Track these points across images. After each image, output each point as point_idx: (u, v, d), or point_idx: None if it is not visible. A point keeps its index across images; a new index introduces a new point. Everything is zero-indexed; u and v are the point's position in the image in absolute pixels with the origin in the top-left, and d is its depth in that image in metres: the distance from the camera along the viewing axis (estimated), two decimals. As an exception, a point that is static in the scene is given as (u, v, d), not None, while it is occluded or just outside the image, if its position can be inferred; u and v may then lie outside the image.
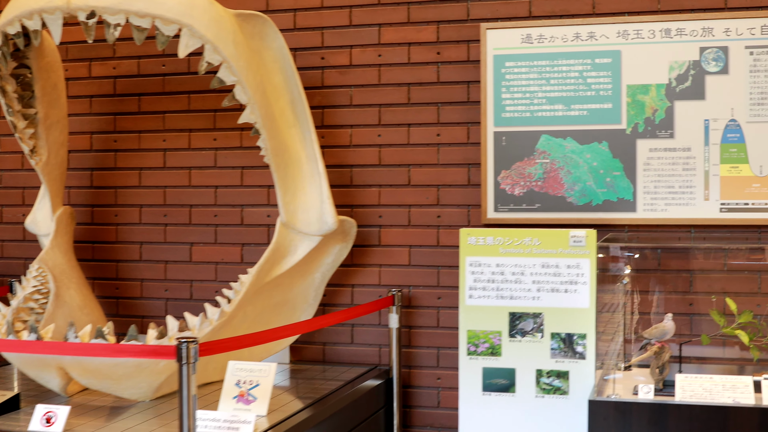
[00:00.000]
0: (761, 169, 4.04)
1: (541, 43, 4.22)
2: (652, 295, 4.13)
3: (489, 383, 4.01)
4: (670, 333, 3.74)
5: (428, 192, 4.37)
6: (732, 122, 4.07)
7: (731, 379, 3.59)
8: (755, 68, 4.04)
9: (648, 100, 4.13)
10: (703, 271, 4.11)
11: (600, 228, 4.16)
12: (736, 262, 4.09)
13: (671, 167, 4.11)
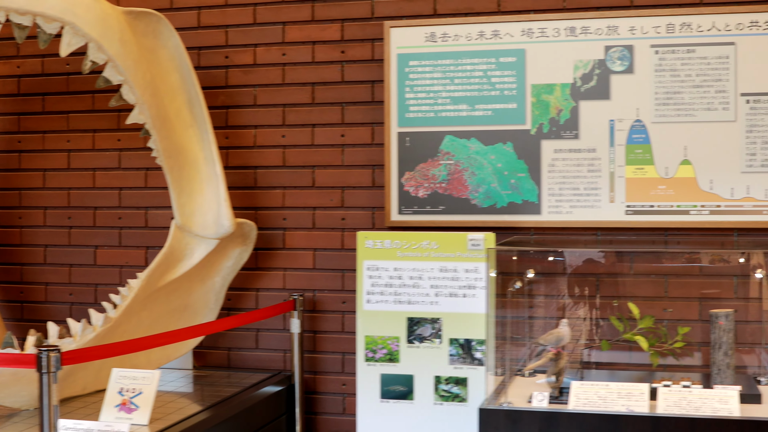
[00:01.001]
0: (667, 170, 3.89)
1: (445, 41, 4.06)
2: (553, 300, 3.98)
3: (387, 390, 3.84)
4: (565, 339, 3.58)
5: (333, 194, 4.20)
6: (637, 123, 3.91)
7: (627, 387, 3.43)
8: (660, 67, 3.89)
9: (553, 100, 3.97)
10: (609, 274, 3.96)
11: (505, 231, 4.01)
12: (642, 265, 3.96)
13: (576, 168, 3.96)
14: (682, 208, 3.87)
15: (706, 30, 3.84)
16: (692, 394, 3.38)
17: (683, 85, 3.86)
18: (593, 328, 3.90)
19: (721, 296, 3.86)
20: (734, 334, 3.58)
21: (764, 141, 3.81)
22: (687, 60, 3.86)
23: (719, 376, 3.59)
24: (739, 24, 3.81)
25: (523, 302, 3.96)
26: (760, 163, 3.81)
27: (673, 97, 3.87)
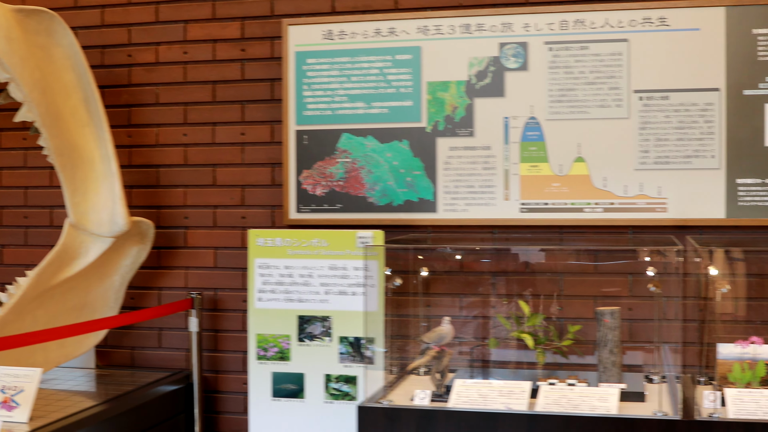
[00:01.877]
0: (561, 168, 3.82)
1: (342, 39, 3.99)
2: (446, 298, 3.92)
3: (279, 388, 3.77)
4: (448, 337, 3.50)
5: (233, 192, 4.12)
6: (532, 120, 3.85)
7: (509, 385, 3.36)
8: (554, 64, 3.83)
9: (448, 98, 3.90)
10: (503, 272, 3.90)
11: (402, 229, 3.94)
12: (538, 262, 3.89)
13: (471, 166, 3.89)
14: (576, 205, 3.80)
15: (600, 27, 3.77)
16: (573, 392, 3.31)
17: (577, 82, 3.79)
18: (486, 326, 3.83)
19: (619, 294, 3.80)
20: (620, 332, 3.51)
21: (657, 138, 3.74)
22: (581, 57, 3.79)
23: (605, 374, 3.52)
24: (632, 21, 3.75)
25: (414, 300, 3.89)
26: (653, 160, 3.74)
27: (567, 94, 3.80)
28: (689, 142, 3.71)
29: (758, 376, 3.43)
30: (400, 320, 3.78)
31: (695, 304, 3.73)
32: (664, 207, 3.73)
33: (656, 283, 3.26)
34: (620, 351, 3.50)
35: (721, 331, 3.73)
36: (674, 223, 3.73)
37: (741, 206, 3.68)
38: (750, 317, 3.72)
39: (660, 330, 3.70)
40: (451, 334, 3.50)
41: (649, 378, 3.65)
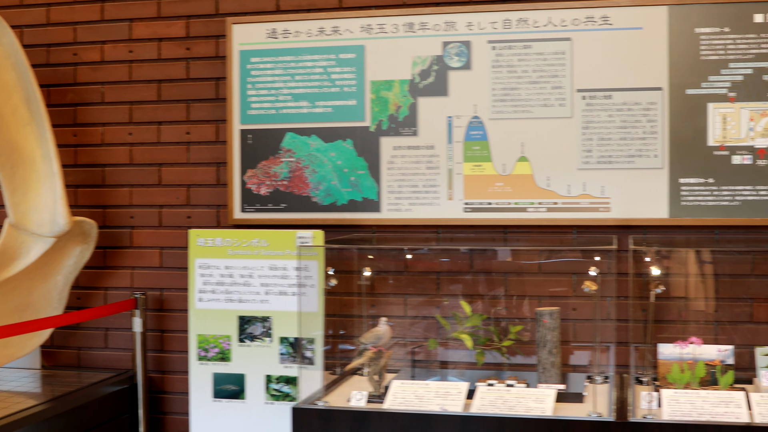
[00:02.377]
0: (504, 167, 3.78)
1: (286, 38, 3.94)
2: (387, 297, 3.87)
3: (220, 389, 3.72)
4: (385, 338, 3.46)
5: (178, 192, 4.07)
6: (475, 119, 3.80)
7: (446, 386, 3.32)
8: (498, 63, 3.78)
9: (391, 97, 3.86)
10: (449, 273, 3.85)
11: (346, 229, 3.90)
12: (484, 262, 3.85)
13: (415, 166, 3.85)
14: (519, 205, 3.76)
15: (543, 26, 3.73)
16: (510, 393, 3.27)
17: (520, 81, 3.75)
18: (430, 326, 3.79)
19: (564, 294, 3.76)
20: (559, 333, 3.47)
21: (600, 138, 3.70)
22: (524, 56, 3.75)
23: (544, 374, 3.47)
24: (575, 19, 3.70)
25: (358, 300, 3.85)
26: (596, 159, 3.70)
27: (510, 93, 3.76)
28: (632, 141, 3.67)
29: (698, 377, 3.39)
30: (343, 320, 3.74)
31: (641, 305, 3.69)
32: (608, 207, 3.69)
33: (590, 283, 3.22)
34: (559, 352, 3.46)
35: (667, 331, 3.69)
36: (618, 222, 3.68)
37: (684, 206, 3.64)
38: (694, 317, 3.68)
39: (604, 330, 3.67)
40: (388, 335, 3.45)
41: (592, 378, 3.61)
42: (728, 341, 3.63)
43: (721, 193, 3.61)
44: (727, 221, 3.61)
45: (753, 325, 3.64)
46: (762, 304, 3.63)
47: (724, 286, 3.66)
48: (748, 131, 3.59)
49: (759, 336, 3.62)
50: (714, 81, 3.61)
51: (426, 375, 3.67)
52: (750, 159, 3.59)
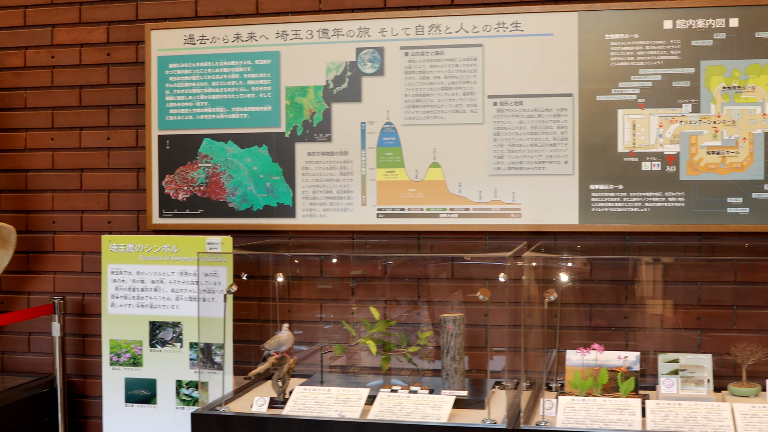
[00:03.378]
0: (417, 173, 3.75)
1: (203, 44, 3.92)
2: (302, 303, 3.85)
3: (131, 394, 3.70)
4: (287, 343, 3.43)
5: (99, 197, 4.05)
6: (388, 125, 3.78)
7: (347, 392, 3.30)
8: (410, 69, 3.75)
9: (306, 103, 3.83)
10: (363, 278, 3.83)
11: (262, 234, 3.88)
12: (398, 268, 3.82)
13: (329, 172, 3.82)
14: (432, 211, 3.73)
15: (455, 32, 3.70)
16: (409, 399, 3.25)
17: (432, 87, 3.72)
18: (341, 331, 3.76)
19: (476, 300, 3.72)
20: (463, 339, 3.44)
21: (511, 144, 3.67)
22: (436, 62, 3.72)
23: (448, 381, 3.44)
24: (486, 26, 3.67)
25: (271, 305, 3.83)
26: (507, 165, 3.67)
27: (423, 99, 3.73)
28: (543, 147, 3.64)
29: (600, 384, 3.35)
30: (256, 326, 3.72)
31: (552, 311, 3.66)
32: (519, 213, 3.66)
33: (484, 290, 3.19)
34: (463, 358, 3.43)
35: (580, 338, 3.66)
36: (529, 228, 3.65)
37: (594, 212, 3.60)
38: (601, 323, 3.65)
39: (517, 336, 3.64)
40: (290, 341, 3.43)
41: (503, 385, 3.58)
42: (638, 348, 3.60)
43: (631, 200, 3.58)
44: (637, 227, 3.57)
45: (662, 332, 3.61)
46: (672, 311, 3.60)
47: (634, 293, 3.63)
48: (658, 137, 3.56)
49: (668, 342, 3.59)
50: (624, 87, 3.58)
51: (337, 381, 3.64)
52: (659, 165, 3.56)
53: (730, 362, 3.45)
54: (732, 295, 3.55)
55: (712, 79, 3.51)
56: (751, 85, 3.49)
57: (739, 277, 3.57)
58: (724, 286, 3.57)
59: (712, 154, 3.52)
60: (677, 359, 3.39)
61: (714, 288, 3.57)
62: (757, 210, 3.49)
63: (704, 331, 3.59)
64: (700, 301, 3.59)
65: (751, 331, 3.54)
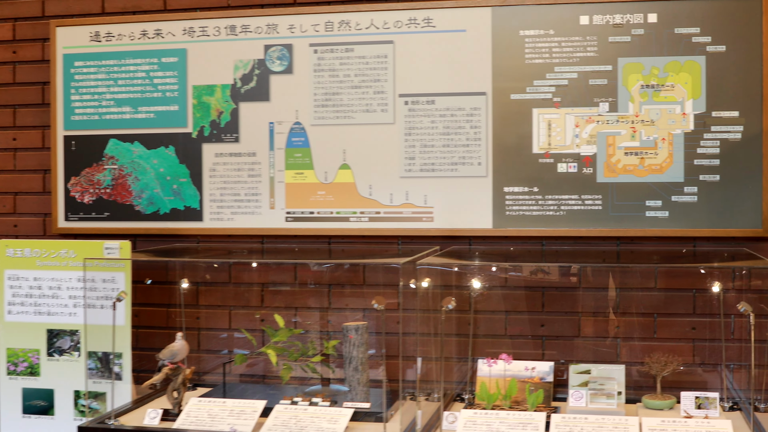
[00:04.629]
0: (326, 175, 3.56)
1: (109, 41, 3.72)
2: (212, 310, 3.66)
3: (29, 405, 3.50)
4: (181, 353, 3.24)
5: (5, 200, 3.84)
6: (297, 125, 3.58)
7: (242, 404, 3.11)
8: (319, 67, 3.56)
9: (213, 102, 3.64)
10: (271, 284, 3.64)
11: (170, 238, 3.69)
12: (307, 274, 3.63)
13: (237, 173, 3.62)
14: (342, 214, 3.54)
15: (365, 28, 3.50)
16: (306, 412, 3.06)
17: (342, 85, 3.53)
18: (251, 340, 3.58)
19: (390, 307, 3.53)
20: (366, 348, 3.25)
21: (423, 144, 3.48)
22: (345, 59, 3.53)
23: (350, 392, 3.26)
24: (397, 22, 3.48)
25: (178, 313, 3.65)
26: (419, 167, 3.48)
27: (332, 99, 3.54)
28: (455, 148, 3.44)
29: (509, 396, 3.16)
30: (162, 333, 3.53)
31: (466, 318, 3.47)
32: (431, 216, 3.46)
33: (379, 299, 3.00)
34: (366, 368, 3.24)
35: (492, 346, 3.48)
36: (442, 233, 3.46)
37: (509, 216, 3.41)
38: (520, 331, 3.47)
39: (434, 344, 3.45)
40: (184, 351, 3.24)
41: (412, 395, 3.39)
42: (556, 357, 3.42)
43: (547, 203, 3.39)
44: (553, 232, 3.38)
45: (581, 341, 3.42)
46: (591, 319, 3.41)
47: (551, 300, 3.45)
48: (574, 138, 3.37)
49: (587, 351, 3.40)
50: (539, 86, 3.38)
51: (248, 391, 3.45)
52: (575, 167, 3.37)
53: (647, 373, 3.26)
54: (652, 303, 3.36)
55: (630, 76, 3.32)
56: (670, 83, 3.30)
57: (659, 284, 3.38)
58: (644, 293, 3.38)
59: (630, 155, 3.33)
60: (589, 370, 3.20)
61: (633, 295, 3.38)
62: (676, 214, 3.30)
63: (624, 340, 3.40)
64: (619, 308, 3.40)
65: (672, 339, 3.35)
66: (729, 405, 3.19)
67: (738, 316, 3.28)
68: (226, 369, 3.57)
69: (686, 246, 3.34)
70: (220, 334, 3.59)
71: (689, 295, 3.35)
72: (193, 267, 3.61)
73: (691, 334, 3.34)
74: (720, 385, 3.26)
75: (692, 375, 3.33)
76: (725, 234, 3.27)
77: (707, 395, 3.04)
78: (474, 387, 3.25)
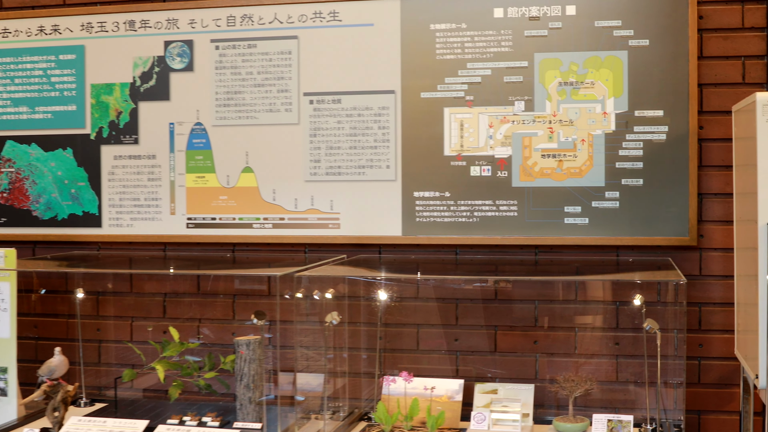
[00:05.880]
0: (228, 179, 3.30)
1: (5, 37, 3.48)
2: (108, 321, 3.42)
3: None
4: (59, 369, 3.00)
5: None
6: (198, 126, 3.33)
7: (122, 424, 2.87)
8: (221, 64, 3.31)
9: (112, 101, 3.39)
10: (176, 294, 3.39)
11: (68, 245, 3.46)
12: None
13: (137, 177, 3.38)
14: (244, 221, 3.28)
15: (268, 23, 3.24)
16: (186, 433, 2.81)
17: (245, 83, 3.27)
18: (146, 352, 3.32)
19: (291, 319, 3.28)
20: (259, 365, 2.99)
21: (329, 146, 3.21)
22: (248, 56, 3.26)
23: (241, 411, 3.00)
24: (302, 15, 3.21)
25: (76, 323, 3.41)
26: (324, 171, 3.22)
27: (234, 98, 3.28)
28: (363, 150, 3.18)
29: (410, 416, 2.90)
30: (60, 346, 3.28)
31: (375, 332, 3.21)
32: (337, 223, 3.20)
33: (259, 313, 2.74)
34: (259, 386, 2.98)
35: (403, 362, 3.21)
36: (350, 240, 3.19)
37: (419, 222, 3.14)
38: (431, 346, 3.20)
39: (338, 360, 3.19)
40: (63, 367, 3.00)
41: (318, 414, 3.13)
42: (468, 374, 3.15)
43: (459, 209, 3.11)
44: (467, 240, 3.11)
45: (500, 357, 3.15)
46: (507, 333, 3.13)
47: (466, 312, 3.17)
48: (488, 139, 3.09)
49: (505, 367, 3.13)
50: (451, 83, 3.11)
51: (136, 409, 3.20)
52: (489, 170, 3.10)
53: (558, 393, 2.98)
54: (572, 316, 3.09)
55: (547, 73, 3.04)
56: (590, 80, 3.02)
57: (579, 296, 3.10)
58: (564, 306, 3.10)
59: (547, 158, 3.05)
60: (495, 390, 2.93)
61: (552, 307, 3.10)
62: (597, 220, 3.02)
63: (542, 356, 3.12)
64: (537, 322, 3.12)
65: (593, 355, 3.07)
66: (652, 428, 2.91)
67: (664, 330, 3.00)
68: (132, 384, 3.32)
69: (608, 255, 3.06)
70: (120, 346, 3.34)
71: (612, 308, 3.07)
72: (92, 276, 3.36)
73: (614, 349, 3.06)
74: (646, 405, 2.98)
75: (615, 393, 3.04)
76: (649, 242, 2.98)
77: (621, 418, 2.76)
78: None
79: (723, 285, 2.99)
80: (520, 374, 3.10)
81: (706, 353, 3.02)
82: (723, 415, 3.01)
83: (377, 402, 2.97)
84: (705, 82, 2.97)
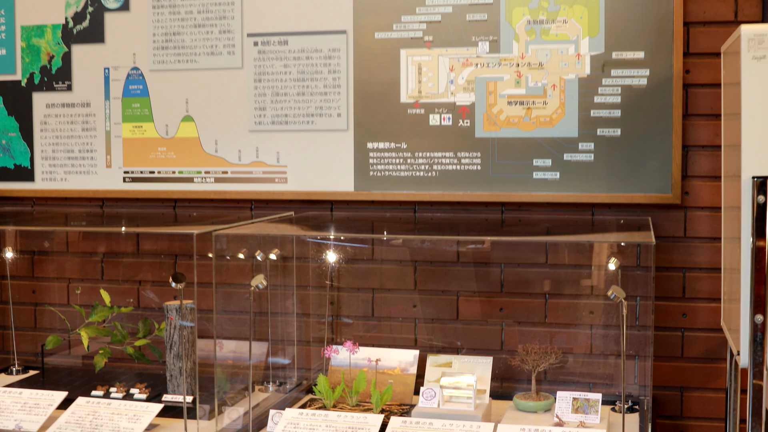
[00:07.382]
0: (167, 129, 2.95)
1: (-70, -25, 3.17)
2: (41, 283, 3.11)
3: None
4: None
5: None
6: (134, 71, 2.98)
7: (37, 396, 2.56)
8: (159, 3, 2.94)
9: (44, 45, 3.04)
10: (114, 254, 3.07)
11: (1, 201, 3.15)
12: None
13: (70, 127, 3.04)
14: (185, 174, 2.93)
15: (210, -45, 2.89)
16: (108, 408, 2.50)
17: (184, 24, 2.91)
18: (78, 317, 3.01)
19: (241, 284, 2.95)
20: (193, 332, 2.67)
21: (275, 93, 2.85)
22: (188, -7, 2.91)
23: (171, 383, 2.68)
24: (246, -53, 2.85)
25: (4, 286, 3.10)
26: (270, 119, 2.86)
27: (173, 39, 2.92)
28: (312, 97, 2.82)
29: (356, 392, 2.56)
30: None
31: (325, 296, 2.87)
32: (284, 177, 2.85)
33: (178, 275, 2.41)
34: (191, 355, 2.66)
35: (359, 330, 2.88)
36: (298, 196, 2.85)
37: (373, 177, 2.79)
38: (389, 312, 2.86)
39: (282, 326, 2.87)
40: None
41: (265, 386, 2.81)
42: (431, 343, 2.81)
43: (417, 162, 2.75)
44: (425, 196, 2.75)
45: (462, 325, 2.80)
46: (470, 299, 2.79)
47: (425, 276, 2.83)
48: (449, 84, 2.72)
49: (468, 337, 2.79)
50: (408, 22, 2.74)
51: (64, 377, 2.91)
52: (450, 119, 2.73)
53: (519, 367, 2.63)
54: (542, 281, 2.73)
55: (514, 10, 2.66)
56: (562, 17, 2.63)
57: (550, 260, 2.74)
58: (533, 270, 2.75)
59: (514, 105, 2.68)
60: (450, 363, 2.58)
61: (521, 271, 2.75)
62: (569, 175, 2.65)
63: (509, 324, 2.77)
64: (504, 287, 2.77)
65: (564, 325, 2.72)
66: (628, 406, 2.56)
67: (644, 298, 2.64)
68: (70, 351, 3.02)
69: (582, 214, 2.69)
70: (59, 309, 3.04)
71: (587, 273, 2.71)
72: (25, 234, 3.05)
73: (588, 318, 2.70)
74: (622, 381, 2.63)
75: (590, 367, 2.69)
76: (628, 200, 2.61)
77: (588, 396, 2.40)
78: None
79: (710, 248, 2.62)
80: (484, 344, 2.76)
81: (690, 324, 2.65)
82: (708, 393, 2.66)
83: (326, 374, 2.65)
84: (692, 20, 2.58)
